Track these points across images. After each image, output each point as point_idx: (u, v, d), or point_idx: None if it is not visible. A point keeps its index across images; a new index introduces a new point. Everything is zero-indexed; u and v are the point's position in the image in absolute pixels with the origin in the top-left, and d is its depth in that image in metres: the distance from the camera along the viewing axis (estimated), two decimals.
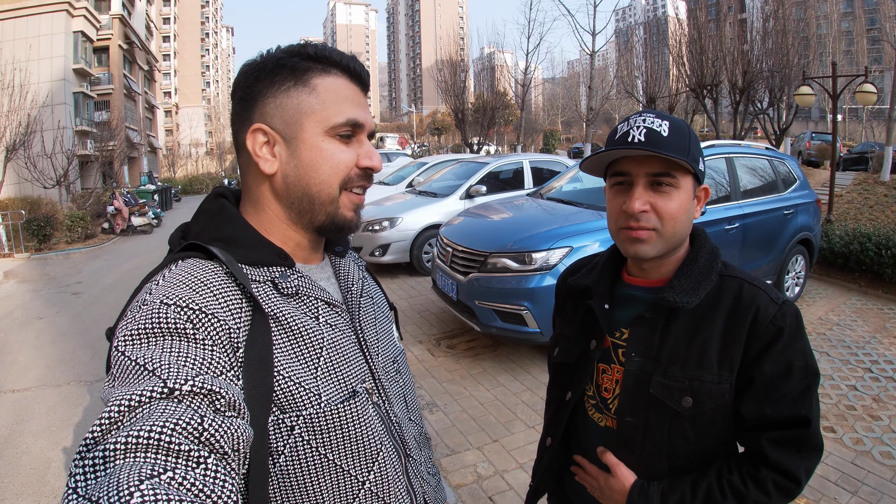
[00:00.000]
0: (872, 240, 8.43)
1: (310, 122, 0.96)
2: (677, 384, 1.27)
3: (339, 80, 0.99)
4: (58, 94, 29.93)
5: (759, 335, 1.23)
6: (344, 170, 0.99)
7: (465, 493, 3.65)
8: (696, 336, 1.28)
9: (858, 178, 20.13)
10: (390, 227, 9.44)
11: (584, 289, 1.48)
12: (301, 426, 0.88)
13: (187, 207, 31.31)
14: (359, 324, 1.06)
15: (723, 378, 1.25)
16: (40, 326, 7.86)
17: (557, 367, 1.57)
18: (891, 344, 6.16)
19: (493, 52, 51.18)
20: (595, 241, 5.27)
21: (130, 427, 0.64)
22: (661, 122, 1.25)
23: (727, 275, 1.33)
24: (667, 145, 1.22)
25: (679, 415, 1.27)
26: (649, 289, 1.38)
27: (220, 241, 0.94)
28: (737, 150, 7.05)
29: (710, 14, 27.97)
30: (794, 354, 1.23)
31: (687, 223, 1.31)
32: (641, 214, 1.27)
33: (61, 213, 16.20)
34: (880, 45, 50.94)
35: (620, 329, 1.39)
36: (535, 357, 5.78)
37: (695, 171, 1.27)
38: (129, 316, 0.81)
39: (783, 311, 1.24)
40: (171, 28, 75.99)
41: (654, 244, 1.29)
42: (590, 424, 1.47)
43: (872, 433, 4.35)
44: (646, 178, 1.27)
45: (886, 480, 3.75)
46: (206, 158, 75.10)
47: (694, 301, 1.27)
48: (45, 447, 4.49)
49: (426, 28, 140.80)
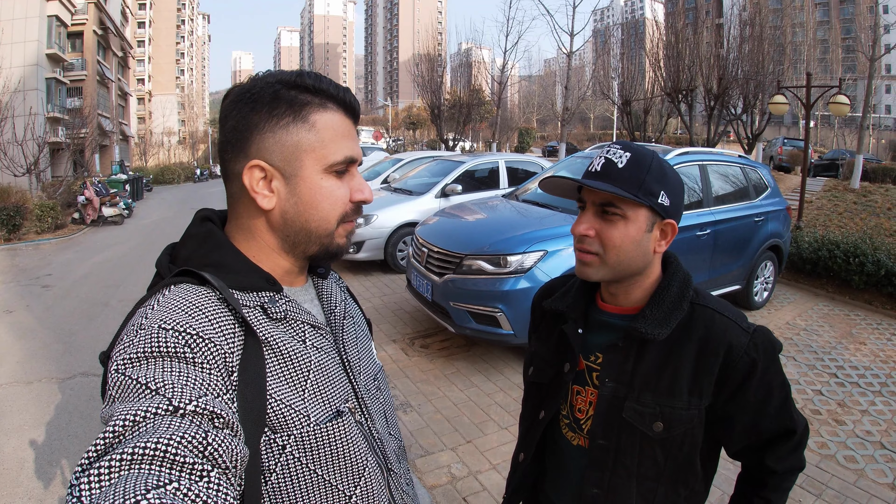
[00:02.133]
0: (841, 247, 8.58)
1: (309, 160, 0.97)
2: (649, 410, 1.32)
3: (336, 115, 1.00)
4: (30, 80, 29.38)
5: (735, 368, 1.28)
6: (342, 206, 1.01)
7: (440, 493, 3.68)
8: (667, 365, 1.32)
9: (829, 184, 20.53)
10: (365, 223, 9.40)
11: (558, 314, 1.52)
12: (292, 444, 0.89)
13: (159, 198, 31.03)
14: (342, 345, 1.08)
15: (692, 404, 1.30)
16: (10, 321, 7.69)
17: (531, 386, 1.60)
18: (856, 350, 6.30)
19: (470, 49, 51.05)
20: (568, 245, 5.29)
21: (136, 440, 0.65)
22: (622, 153, 1.30)
23: (698, 303, 1.36)
24: (617, 177, 1.28)
25: (650, 439, 1.33)
26: (622, 316, 1.42)
27: (210, 267, 0.95)
28: (710, 157, 7.16)
29: (687, 18, 28.17)
30: (771, 377, 1.31)
31: (636, 254, 1.33)
32: (584, 238, 1.33)
33: (31, 202, 15.89)
34: (854, 54, 51.75)
35: (595, 353, 1.43)
36: (508, 358, 5.82)
37: (649, 205, 1.30)
38: (126, 340, 0.82)
39: (755, 342, 1.30)
40: (147, 14, 74.93)
41: (598, 268, 1.34)
42: (563, 442, 1.51)
43: (837, 437, 4.46)
44: (594, 206, 1.33)
45: (850, 484, 3.85)
46: (179, 148, 74.33)
47: (665, 332, 1.31)
48: (17, 447, 4.40)
49: (404, 22, 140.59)
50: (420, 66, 31.97)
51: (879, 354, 6.19)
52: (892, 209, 15.24)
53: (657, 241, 1.36)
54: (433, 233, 6.31)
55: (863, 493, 3.76)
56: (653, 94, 25.72)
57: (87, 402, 5.15)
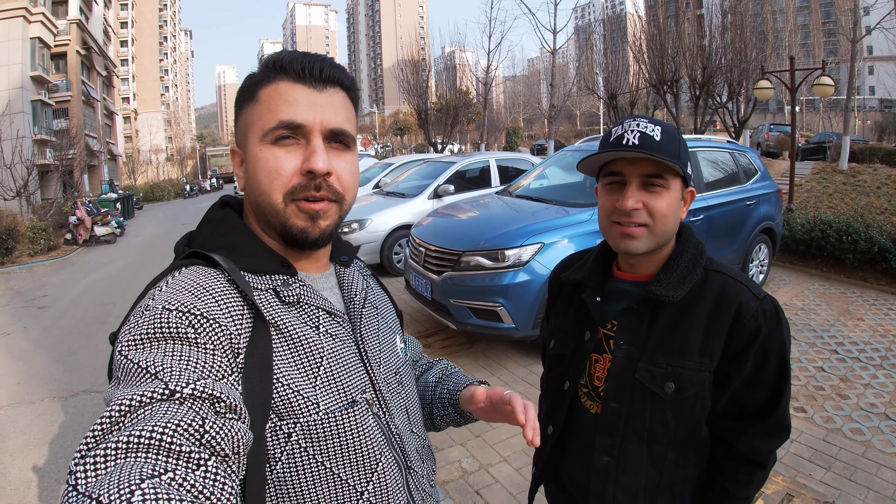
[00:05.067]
0: (833, 227, 8.66)
1: (252, 134, 0.96)
2: (661, 370, 1.36)
3: (281, 84, 0.95)
4: (15, 103, 29.28)
5: (742, 329, 1.32)
6: (281, 177, 0.94)
7: (452, 488, 3.70)
8: (680, 326, 1.36)
9: (817, 167, 20.61)
10: (359, 228, 9.43)
11: (576, 283, 1.55)
12: (298, 433, 0.88)
13: (150, 215, 30.87)
14: (359, 334, 1.05)
15: (703, 366, 1.34)
16: (8, 343, 7.66)
17: (553, 358, 1.65)
18: (854, 326, 6.36)
19: (454, 52, 51.17)
20: (564, 236, 5.36)
21: (132, 427, 0.65)
22: (654, 127, 1.35)
23: (712, 269, 1.41)
24: (659, 149, 1.32)
25: (661, 400, 1.37)
26: (638, 283, 1.46)
27: (223, 249, 0.95)
28: (700, 143, 7.23)
29: (668, 10, 28.30)
30: (771, 346, 1.33)
31: (675, 222, 1.40)
32: (634, 212, 1.36)
33: (22, 225, 15.83)
34: (836, 37, 52.08)
35: (611, 321, 1.47)
36: (510, 353, 5.85)
37: (683, 174, 1.37)
38: (133, 321, 0.82)
39: (763, 307, 1.34)
40: (129, 32, 74.68)
41: (645, 240, 1.38)
42: (582, 412, 1.55)
43: (842, 411, 4.50)
44: (639, 178, 1.36)
45: (858, 455, 3.89)
46: (167, 165, 74.09)
47: (679, 294, 1.35)
48: (23, 467, 4.39)
49: (386, 28, 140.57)
50: (405, 71, 32.09)
51: (878, 329, 6.25)
52: (881, 188, 15.36)
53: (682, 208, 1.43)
54: (430, 232, 6.34)
55: (871, 464, 3.79)
56: (638, 86, 25.84)
57: (91, 418, 5.13)
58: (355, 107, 1.04)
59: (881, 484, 3.57)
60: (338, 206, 0.99)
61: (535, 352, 5.72)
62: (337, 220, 1.00)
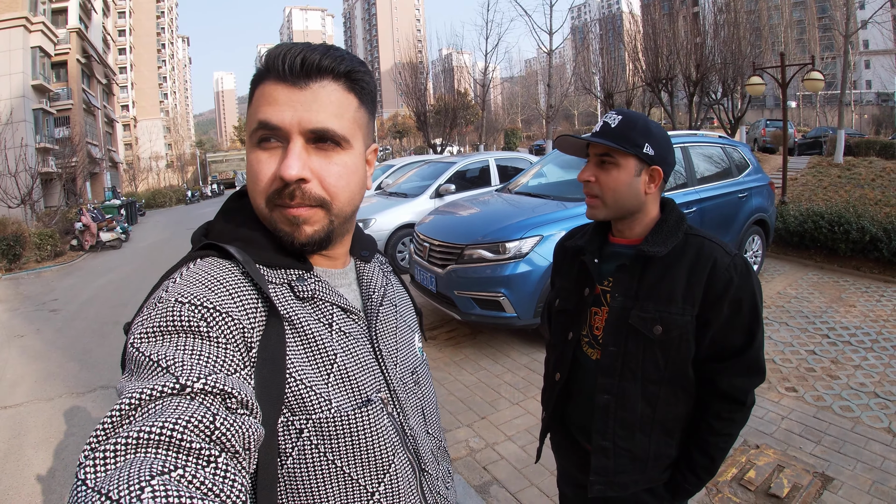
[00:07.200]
0: (825, 217, 8.84)
1: (247, 135, 0.95)
2: (650, 315, 1.62)
3: (267, 85, 0.91)
4: (17, 112, 29.16)
5: (717, 280, 1.58)
6: (261, 181, 0.91)
7: (461, 465, 3.89)
8: (665, 278, 1.62)
9: (813, 161, 20.81)
10: (363, 228, 9.51)
11: (578, 249, 1.83)
12: (310, 429, 0.87)
13: (153, 221, 31.01)
14: (375, 332, 1.04)
15: (685, 311, 1.59)
16: (23, 344, 7.81)
17: (558, 314, 1.92)
18: (846, 312, 6.54)
19: (451, 54, 51.25)
20: (561, 229, 5.54)
21: (142, 422, 0.64)
22: (616, 117, 1.66)
23: (691, 233, 1.68)
24: (609, 134, 1.64)
25: (651, 342, 1.62)
26: (629, 246, 1.74)
27: (239, 241, 0.94)
28: (692, 139, 7.44)
29: (663, 8, 28.43)
30: (744, 294, 1.59)
31: (629, 194, 1.67)
32: (586, 184, 1.72)
33: (28, 231, 16.01)
34: (831, 33, 52.13)
35: (608, 278, 1.74)
36: (513, 342, 6.05)
37: (635, 154, 1.63)
38: (145, 313, 0.82)
39: (735, 262, 1.60)
40: (127, 40, 74.91)
41: (600, 209, 1.71)
42: (584, 358, 1.81)
43: (832, 390, 4.68)
44: (595, 157, 1.70)
45: (847, 430, 4.07)
46: (168, 171, 74.15)
47: (664, 251, 1.61)
48: (45, 458, 4.52)
49: (383, 32, 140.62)
50: (403, 74, 32.17)
51: (869, 315, 6.42)
52: (875, 180, 15.55)
53: (646, 184, 1.67)
54: (433, 228, 6.53)
55: (860, 437, 3.96)
56: (634, 85, 26.02)
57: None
58: (362, 94, 0.97)
59: (869, 456, 3.73)
60: (324, 211, 0.94)
61: (536, 340, 5.93)
62: (327, 223, 0.95)
